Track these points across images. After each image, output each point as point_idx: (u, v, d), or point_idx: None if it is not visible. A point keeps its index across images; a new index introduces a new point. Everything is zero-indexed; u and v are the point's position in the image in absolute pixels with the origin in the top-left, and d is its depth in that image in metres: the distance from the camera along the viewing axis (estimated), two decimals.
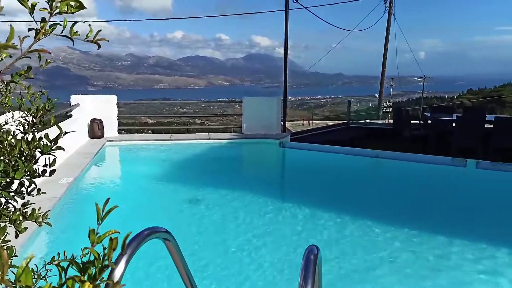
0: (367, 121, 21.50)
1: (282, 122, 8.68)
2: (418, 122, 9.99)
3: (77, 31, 0.83)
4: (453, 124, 8.10)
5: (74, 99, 7.47)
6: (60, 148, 1.01)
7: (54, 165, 1.10)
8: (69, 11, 0.75)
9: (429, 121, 9.04)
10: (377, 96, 25.09)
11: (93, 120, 7.60)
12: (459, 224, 4.35)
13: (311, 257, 1.39)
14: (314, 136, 9.62)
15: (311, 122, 22.90)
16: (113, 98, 8.03)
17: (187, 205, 4.93)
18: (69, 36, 0.81)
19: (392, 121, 12.85)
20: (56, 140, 0.99)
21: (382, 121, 20.49)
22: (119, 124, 8.25)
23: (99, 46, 1.31)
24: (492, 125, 7.97)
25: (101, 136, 7.72)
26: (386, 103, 23.91)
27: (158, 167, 6.72)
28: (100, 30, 1.34)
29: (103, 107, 7.87)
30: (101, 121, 7.67)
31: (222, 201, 5.05)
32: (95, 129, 7.63)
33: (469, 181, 5.81)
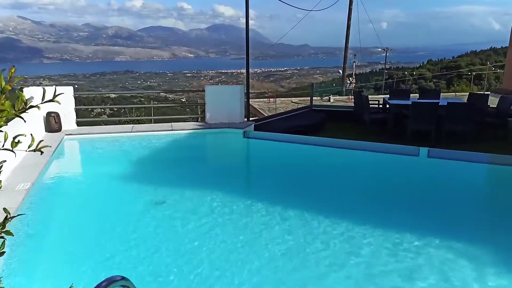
0: (331, 98, 21.91)
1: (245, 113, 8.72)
2: (377, 105, 10.32)
3: None
4: (409, 109, 8.47)
5: (27, 91, 7.12)
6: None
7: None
8: None
9: (387, 106, 9.39)
10: (341, 72, 25.45)
11: (49, 114, 7.32)
12: (406, 214, 4.67)
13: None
14: (278, 121, 9.74)
15: (276, 99, 22.98)
16: (70, 90, 7.73)
17: (149, 206, 4.97)
18: None
19: (352, 99, 13.33)
20: None
21: (344, 102, 20.92)
22: (77, 116, 7.99)
23: (42, 153, 1.31)
24: (444, 110, 8.40)
25: (59, 129, 7.48)
26: (349, 80, 24.35)
27: (120, 164, 6.64)
28: (42, 140, 1.36)
29: (59, 99, 7.56)
30: (57, 114, 7.40)
31: (183, 200, 5.11)
32: (52, 122, 7.36)
33: (421, 171, 6.17)
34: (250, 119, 10.56)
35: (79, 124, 8.06)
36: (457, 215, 4.80)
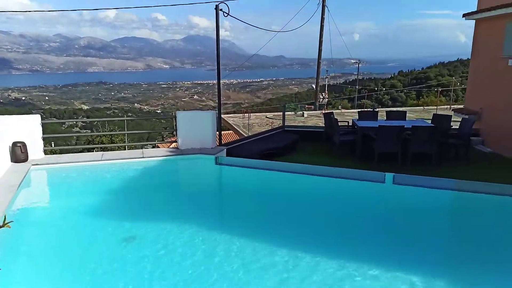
0: (305, 113, 22.23)
1: (218, 136, 8.76)
2: (347, 126, 10.58)
3: None
4: (376, 132, 8.74)
5: None
6: None
7: None
8: None
9: (356, 127, 9.65)
10: (314, 87, 25.93)
11: (15, 144, 7.12)
12: (369, 243, 4.82)
13: None
14: (251, 144, 9.84)
15: (250, 115, 23.15)
16: (37, 118, 7.56)
17: (119, 243, 4.90)
18: None
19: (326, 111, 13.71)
20: None
21: (317, 117, 21.26)
22: (47, 131, 7.81)
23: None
24: (409, 133, 8.73)
25: (25, 159, 7.29)
26: (322, 95, 24.84)
27: (89, 195, 6.53)
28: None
29: (26, 127, 7.40)
30: (24, 144, 7.21)
31: (154, 235, 5.08)
32: (18, 152, 7.17)
33: (386, 199, 6.38)
34: (223, 142, 10.62)
35: (46, 152, 7.89)
36: (420, 243, 4.98)
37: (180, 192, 7.12)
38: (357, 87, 45.76)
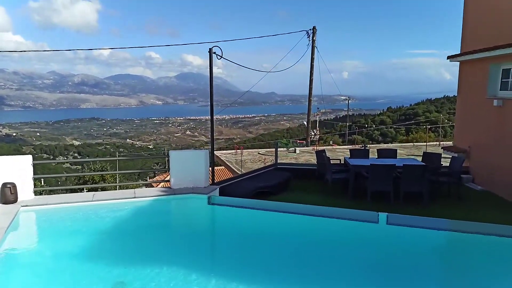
0: (297, 150, 22.40)
1: (210, 174, 8.76)
2: (339, 165, 10.66)
3: None
4: (368, 171, 8.82)
5: None
6: None
7: None
8: None
9: (348, 166, 9.74)
10: (305, 123, 26.30)
11: (4, 185, 7.03)
12: (364, 283, 4.75)
13: None
14: (243, 182, 9.82)
15: (242, 151, 23.26)
16: (28, 158, 7.51)
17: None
18: None
19: (317, 148, 13.76)
20: None
21: (309, 153, 21.40)
22: (38, 171, 7.72)
23: None
24: (400, 171, 8.82)
25: (14, 200, 7.16)
26: (314, 132, 25.16)
27: (79, 237, 6.38)
28: None
29: (17, 167, 7.33)
30: (14, 185, 7.11)
31: (145, 280, 4.95)
32: (7, 194, 7.06)
33: (380, 239, 6.35)
34: (215, 180, 10.58)
35: (36, 192, 7.78)
36: (414, 285, 4.92)
37: (173, 233, 7.01)
38: (347, 123, 46.54)
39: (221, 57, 8.85)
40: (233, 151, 24.74)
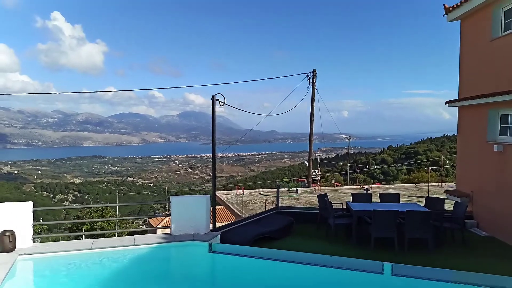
0: (298, 190, 22.27)
1: (211, 220, 8.67)
2: (341, 209, 10.58)
3: None
4: (371, 216, 8.73)
5: None
6: None
7: None
8: None
9: (350, 211, 9.66)
10: (307, 163, 26.33)
11: (3, 232, 6.95)
12: None
13: None
14: (245, 227, 9.70)
15: (243, 191, 23.14)
16: (29, 205, 7.48)
17: None
18: None
19: (319, 190, 13.65)
20: None
21: (311, 194, 21.27)
22: (34, 232, 7.64)
23: None
24: (403, 217, 8.73)
25: (13, 248, 7.06)
26: (315, 172, 25.15)
27: None
28: None
29: (17, 215, 7.29)
30: (13, 233, 7.04)
31: None
32: (6, 242, 6.97)
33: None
34: (216, 221, 10.47)
35: (35, 239, 7.67)
36: None
37: (173, 283, 6.84)
38: (348, 163, 46.54)
39: (224, 103, 9.05)
40: (234, 191, 24.61)
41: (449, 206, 10.57)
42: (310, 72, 25.27)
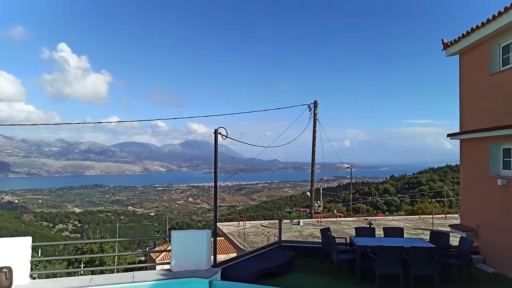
0: (301, 222, 21.98)
1: (212, 255, 8.51)
2: (345, 244, 10.40)
3: None
4: (375, 252, 8.55)
5: None
6: None
7: None
8: None
9: (353, 246, 9.48)
10: (309, 194, 26.13)
11: (0, 269, 6.84)
12: None
13: None
14: (246, 262, 9.51)
15: (245, 223, 22.86)
16: (28, 240, 7.38)
17: None
18: None
19: (322, 221, 13.41)
20: None
21: (313, 225, 20.97)
22: (32, 268, 7.50)
23: None
24: (408, 253, 8.55)
25: (9, 286, 6.90)
26: (317, 203, 24.91)
27: None
28: None
29: (15, 250, 7.18)
30: (10, 269, 6.90)
31: None
32: (2, 279, 6.82)
33: None
34: (218, 258, 10.27)
35: (32, 275, 7.53)
36: None
37: None
38: (350, 194, 46.08)
39: (226, 137, 9.11)
40: (236, 223, 24.30)
41: (454, 240, 10.37)
42: (312, 103, 25.54)
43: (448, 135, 11.73)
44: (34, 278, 7.72)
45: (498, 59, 10.05)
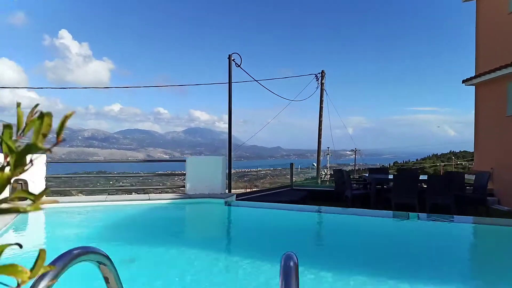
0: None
1: (227, 182, 8.45)
2: (357, 182, 10.30)
3: None
4: (391, 183, 8.46)
5: None
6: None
7: None
8: None
9: (368, 181, 9.38)
10: (315, 165, 26.05)
11: (16, 181, 6.78)
12: (405, 270, 4.26)
13: (290, 264, 1.19)
14: (260, 197, 9.46)
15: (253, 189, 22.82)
16: (42, 158, 7.32)
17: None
18: None
19: (333, 184, 13.00)
20: None
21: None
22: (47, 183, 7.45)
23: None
24: (425, 183, 8.45)
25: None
26: (324, 171, 24.84)
27: (92, 236, 5.99)
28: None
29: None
30: (25, 182, 6.87)
31: (162, 260, 4.52)
32: (18, 189, 6.78)
33: (413, 231, 5.88)
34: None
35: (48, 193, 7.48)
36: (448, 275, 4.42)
37: (192, 232, 6.55)
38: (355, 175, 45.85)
39: (239, 65, 8.94)
40: (243, 189, 24.30)
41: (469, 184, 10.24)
42: (319, 73, 25.24)
43: (463, 81, 11.53)
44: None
45: None
